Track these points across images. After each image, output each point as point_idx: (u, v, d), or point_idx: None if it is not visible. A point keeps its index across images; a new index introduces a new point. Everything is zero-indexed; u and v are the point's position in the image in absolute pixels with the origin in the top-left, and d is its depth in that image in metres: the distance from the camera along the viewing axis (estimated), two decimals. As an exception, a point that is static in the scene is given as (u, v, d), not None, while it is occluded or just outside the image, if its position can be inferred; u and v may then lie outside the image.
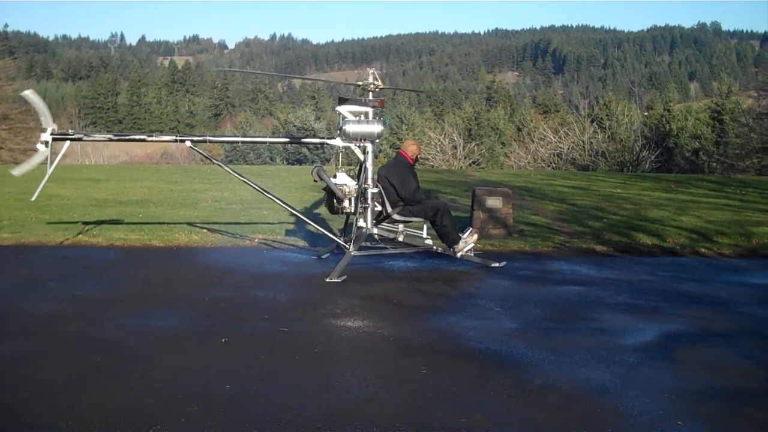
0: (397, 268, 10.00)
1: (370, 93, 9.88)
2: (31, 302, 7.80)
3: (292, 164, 58.88)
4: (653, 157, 44.68)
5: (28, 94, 9.94)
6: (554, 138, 49.08)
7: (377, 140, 9.82)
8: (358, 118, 9.73)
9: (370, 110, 9.78)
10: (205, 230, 12.27)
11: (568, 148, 47.55)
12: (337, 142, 9.78)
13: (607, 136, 47.84)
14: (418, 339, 6.70)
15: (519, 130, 64.82)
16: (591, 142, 46.79)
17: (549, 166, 47.14)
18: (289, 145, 60.62)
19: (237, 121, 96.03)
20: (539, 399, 5.22)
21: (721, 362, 6.15)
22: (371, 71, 10.19)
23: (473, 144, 52.85)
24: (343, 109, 9.78)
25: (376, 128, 9.68)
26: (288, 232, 12.29)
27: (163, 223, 12.88)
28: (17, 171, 9.82)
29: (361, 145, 9.70)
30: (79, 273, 9.35)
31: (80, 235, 11.70)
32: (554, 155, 48.16)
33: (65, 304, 7.71)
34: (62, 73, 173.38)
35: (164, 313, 7.41)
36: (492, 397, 5.23)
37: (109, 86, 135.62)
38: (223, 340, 6.45)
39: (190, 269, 9.74)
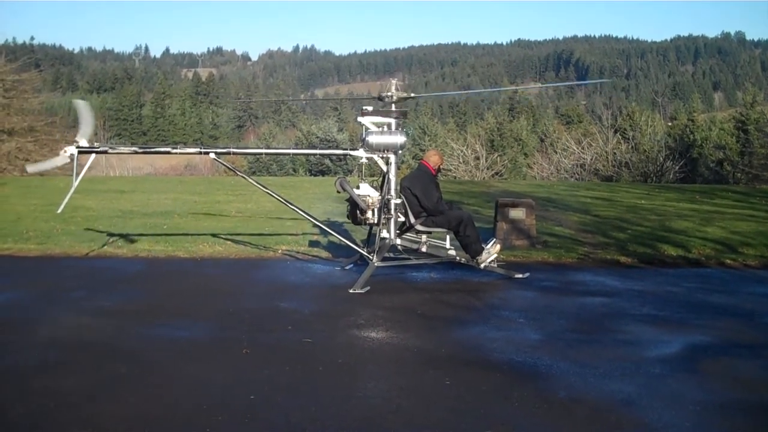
0: (420, 279, 9.99)
1: (393, 105, 9.89)
2: (56, 312, 7.86)
3: (315, 175, 58.96)
4: (677, 167, 44.36)
5: (81, 103, 10.06)
6: (577, 149, 48.88)
7: (400, 151, 9.82)
8: (381, 129, 9.74)
9: (392, 121, 9.79)
10: (229, 241, 12.32)
11: (592, 159, 47.31)
12: (360, 153, 9.80)
13: (630, 146, 47.55)
14: (442, 350, 6.69)
15: (542, 140, 64.67)
16: (614, 153, 46.53)
17: (572, 176, 46.91)
18: (312, 156, 60.80)
19: (260, 133, 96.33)
20: (564, 411, 5.20)
21: (746, 374, 6.10)
22: (394, 81, 10.21)
23: (496, 155, 52.71)
24: (366, 120, 9.79)
25: (399, 139, 9.68)
26: (311, 244, 12.32)
27: (187, 234, 12.94)
28: (31, 168, 9.91)
29: (384, 156, 9.71)
30: (103, 284, 9.41)
31: (105, 247, 11.78)
32: (577, 166, 47.93)
33: (90, 315, 7.76)
34: (87, 85, 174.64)
35: (188, 324, 7.44)
36: (516, 409, 5.21)
37: (133, 98, 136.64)
38: (244, 351, 6.47)
39: (214, 280, 9.78)
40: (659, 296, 9.03)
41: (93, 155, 9.90)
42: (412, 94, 10.48)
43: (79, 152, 9.60)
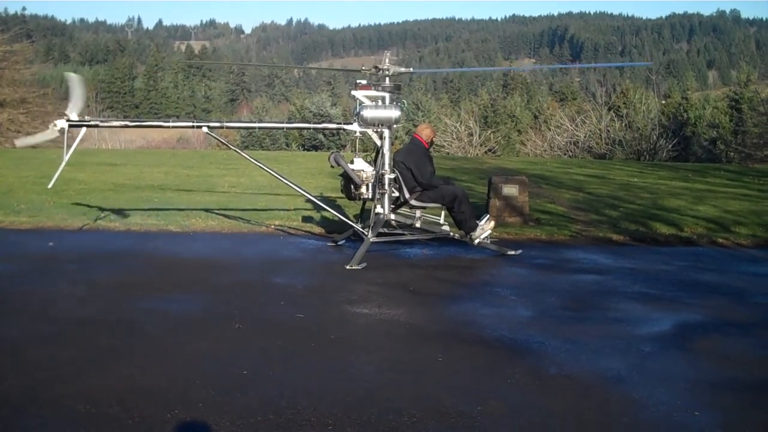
0: (413, 255, 10.01)
1: (387, 78, 9.84)
2: (49, 286, 7.86)
3: (308, 150, 58.82)
4: (670, 145, 44.34)
5: (74, 77, 9.94)
6: (571, 126, 48.78)
7: (395, 125, 9.78)
8: (375, 103, 9.69)
9: (387, 95, 9.75)
10: (221, 216, 12.30)
11: (585, 136, 47.26)
12: (354, 127, 9.75)
13: (624, 124, 47.46)
14: (434, 326, 6.71)
15: (535, 117, 64.46)
16: (608, 131, 46.48)
17: (565, 154, 46.88)
18: (306, 130, 60.59)
19: (253, 107, 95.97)
20: (555, 387, 5.23)
21: (737, 353, 6.14)
22: (387, 54, 10.16)
23: (489, 131, 52.54)
24: (360, 94, 9.75)
25: (394, 113, 9.63)
26: (304, 219, 12.31)
27: (179, 209, 12.92)
28: (20, 142, 9.77)
29: (378, 130, 9.68)
30: (96, 257, 9.39)
31: (98, 220, 11.76)
32: (571, 143, 47.88)
33: (83, 288, 7.75)
34: (79, 57, 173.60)
35: (181, 298, 7.45)
36: (507, 385, 5.24)
37: (125, 70, 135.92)
38: (237, 326, 6.48)
39: (207, 255, 9.77)
40: (651, 274, 9.07)
41: (84, 129, 9.82)
42: (411, 69, 10.41)
43: (70, 126, 9.52)
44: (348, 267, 8.96)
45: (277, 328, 6.51)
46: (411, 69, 10.45)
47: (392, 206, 9.82)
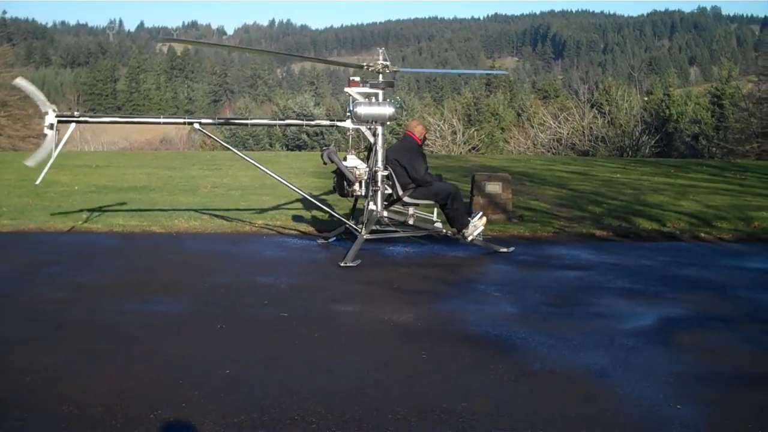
0: (396, 253, 10.00)
1: (381, 75, 9.81)
2: (31, 288, 7.80)
3: (292, 150, 58.77)
4: (653, 142, 44.60)
5: (20, 81, 9.78)
6: (554, 123, 48.92)
7: (388, 122, 9.75)
8: (368, 99, 9.67)
9: (380, 92, 9.72)
10: (204, 216, 12.26)
11: (568, 134, 47.41)
12: (348, 124, 9.73)
13: (606, 121, 47.67)
14: (418, 324, 6.71)
15: (519, 115, 64.58)
16: (591, 128, 46.67)
17: (549, 151, 47.01)
18: (290, 130, 60.57)
19: (236, 107, 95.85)
20: (539, 383, 5.24)
21: (719, 346, 6.17)
22: (381, 50, 10.11)
23: (473, 129, 52.64)
24: (353, 91, 9.71)
25: (388, 110, 9.62)
26: (288, 218, 12.28)
27: (162, 210, 12.87)
28: (31, 161, 9.61)
29: (372, 127, 9.65)
30: (79, 259, 9.34)
31: (80, 222, 11.69)
32: (554, 140, 48.02)
33: (66, 291, 7.71)
34: (61, 59, 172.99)
35: (164, 299, 7.42)
36: (492, 381, 5.25)
37: (107, 73, 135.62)
38: (220, 326, 6.46)
39: (190, 255, 9.74)
40: (634, 269, 9.10)
41: (72, 125, 9.69)
42: (411, 69, 10.35)
43: (59, 121, 9.43)
44: (342, 264, 8.93)
45: (261, 327, 6.50)
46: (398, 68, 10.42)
47: (385, 203, 9.80)
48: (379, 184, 9.59)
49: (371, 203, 9.67)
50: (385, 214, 9.80)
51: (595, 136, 46.14)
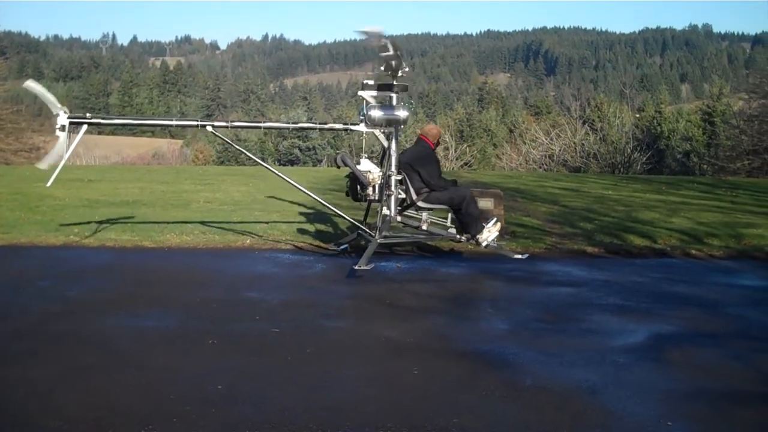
0: (388, 269, 10.00)
1: (395, 79, 9.74)
2: (22, 302, 7.77)
3: (284, 165, 58.85)
4: (644, 158, 44.73)
5: (30, 84, 9.73)
6: (546, 139, 49.05)
7: (402, 126, 9.73)
8: (382, 103, 9.67)
9: (394, 95, 9.72)
10: (196, 231, 12.23)
11: (560, 150, 47.53)
12: (362, 127, 9.71)
13: (598, 137, 47.84)
14: (410, 339, 6.71)
15: (511, 131, 64.81)
16: (582, 144, 46.79)
17: (541, 167, 47.11)
18: (282, 146, 60.65)
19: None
20: (530, 399, 5.24)
21: (710, 363, 6.18)
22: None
23: (465, 145, 52.86)
24: (366, 94, 9.72)
25: (402, 113, 9.62)
26: (281, 233, 12.27)
27: (155, 223, 12.84)
28: (43, 164, 9.54)
29: (386, 131, 9.65)
30: (70, 274, 9.32)
31: (72, 236, 11.66)
32: (546, 157, 48.13)
33: (57, 305, 7.69)
34: (53, 73, 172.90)
35: (156, 314, 7.40)
36: (483, 398, 5.25)
37: (100, 87, 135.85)
38: (211, 342, 6.45)
39: (182, 270, 9.72)
40: (625, 286, 9.11)
41: (85, 127, 9.61)
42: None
43: (71, 122, 9.39)
44: (356, 268, 8.92)
45: (252, 342, 6.49)
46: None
47: (398, 208, 9.81)
48: (393, 188, 9.58)
49: (385, 208, 9.66)
50: (399, 218, 9.79)
51: (586, 153, 46.25)
